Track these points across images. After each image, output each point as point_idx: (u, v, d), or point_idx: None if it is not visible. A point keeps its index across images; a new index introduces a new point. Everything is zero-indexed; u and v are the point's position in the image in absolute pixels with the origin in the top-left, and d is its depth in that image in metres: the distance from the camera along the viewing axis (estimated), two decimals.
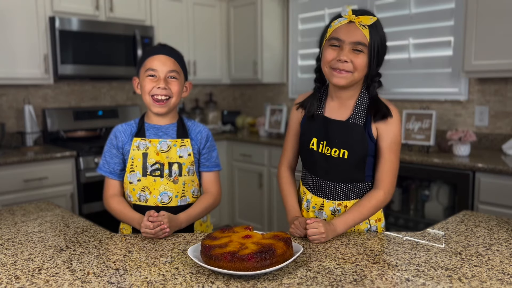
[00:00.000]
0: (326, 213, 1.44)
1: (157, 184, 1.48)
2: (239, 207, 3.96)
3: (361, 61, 1.30)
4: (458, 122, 3.12)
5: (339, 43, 1.31)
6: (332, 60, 1.32)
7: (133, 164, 1.48)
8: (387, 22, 3.40)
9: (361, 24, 1.29)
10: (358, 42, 1.29)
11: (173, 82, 1.47)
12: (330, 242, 1.28)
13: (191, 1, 3.95)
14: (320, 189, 1.45)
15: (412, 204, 2.95)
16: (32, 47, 3.03)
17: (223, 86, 4.67)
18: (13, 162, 2.72)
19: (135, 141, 1.50)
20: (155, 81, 1.46)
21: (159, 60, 1.46)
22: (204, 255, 1.04)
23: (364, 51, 1.30)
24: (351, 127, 1.37)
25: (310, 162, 1.47)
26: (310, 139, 1.43)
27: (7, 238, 1.34)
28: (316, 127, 1.42)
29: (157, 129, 1.52)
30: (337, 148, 1.38)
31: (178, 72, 1.49)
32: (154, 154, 1.48)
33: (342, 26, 1.31)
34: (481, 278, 1.02)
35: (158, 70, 1.45)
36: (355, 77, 1.33)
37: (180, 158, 1.50)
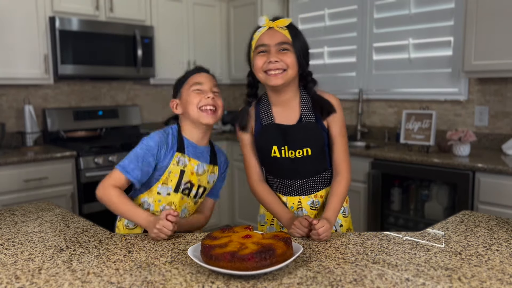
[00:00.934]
0: (306, 208, 1.53)
1: (183, 202, 1.52)
2: (239, 207, 3.96)
3: (290, 59, 1.41)
4: (458, 122, 3.12)
5: (265, 48, 1.41)
6: (264, 65, 1.41)
7: (169, 177, 1.47)
8: (387, 22, 3.40)
9: (279, 27, 1.41)
10: (282, 42, 1.40)
11: (217, 96, 1.51)
12: (330, 242, 1.28)
13: (191, 1, 3.95)
14: (293, 189, 1.53)
15: (412, 204, 2.95)
16: (32, 47, 3.03)
17: (223, 86, 4.67)
18: (13, 162, 2.72)
19: (176, 156, 1.47)
20: (201, 94, 1.48)
21: (204, 76, 1.52)
22: (204, 255, 1.04)
23: (290, 49, 1.41)
24: (306, 126, 1.47)
25: (276, 169, 1.53)
26: (270, 148, 1.48)
27: (7, 238, 1.34)
28: (272, 135, 1.48)
29: (195, 148, 1.52)
30: (300, 148, 1.46)
31: (219, 91, 1.54)
32: (189, 173, 1.50)
33: (264, 33, 1.42)
34: (481, 278, 1.02)
35: (204, 83, 1.49)
36: (289, 74, 1.41)
37: (208, 183, 1.56)
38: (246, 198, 3.87)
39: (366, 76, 3.59)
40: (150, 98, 4.09)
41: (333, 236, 1.34)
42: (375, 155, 2.88)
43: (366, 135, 3.59)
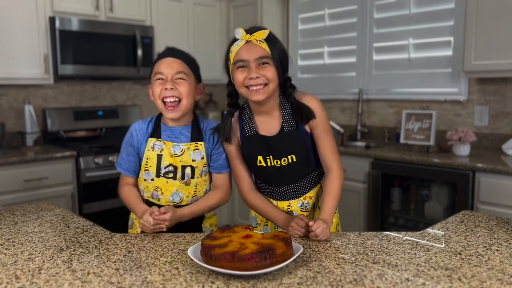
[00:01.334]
0: (296, 211, 1.54)
1: (170, 186, 1.50)
2: (239, 207, 3.96)
3: (271, 73, 1.37)
4: (458, 122, 3.12)
5: (244, 63, 1.38)
6: (244, 80, 1.38)
7: (148, 164, 1.50)
8: (387, 22, 3.40)
9: (257, 40, 1.37)
10: (261, 57, 1.36)
11: (182, 83, 1.45)
12: (330, 242, 1.28)
13: (191, 1, 3.95)
14: (281, 194, 1.54)
15: (412, 204, 2.95)
16: (32, 47, 3.03)
17: (223, 86, 4.65)
18: (13, 162, 2.72)
19: (150, 141, 1.51)
20: (162, 84, 1.45)
21: (165, 63, 1.46)
22: (204, 255, 1.04)
23: (270, 62, 1.38)
24: (289, 135, 1.45)
25: (263, 177, 1.55)
26: (255, 158, 1.48)
27: (7, 238, 1.34)
28: (256, 146, 1.48)
29: (171, 131, 1.52)
30: (285, 157, 1.46)
31: (187, 74, 1.47)
32: (168, 157, 1.49)
33: (242, 47, 1.38)
34: (481, 278, 1.02)
35: (164, 72, 1.45)
36: (270, 88, 1.39)
37: (193, 161, 1.51)
38: None
39: (366, 76, 3.59)
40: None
41: (333, 236, 1.34)
42: (375, 155, 2.88)
43: (366, 135, 3.59)
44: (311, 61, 4.02)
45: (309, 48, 4.02)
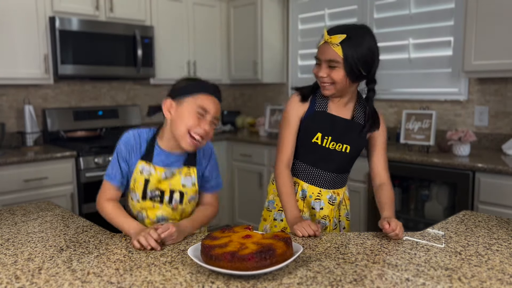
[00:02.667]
0: (324, 201, 1.59)
1: (156, 209, 1.44)
2: (239, 207, 3.96)
3: (337, 75, 1.45)
4: (458, 122, 3.12)
5: (318, 61, 1.50)
6: (317, 75, 1.50)
7: (135, 185, 1.44)
8: (387, 22, 3.40)
9: (332, 44, 1.44)
10: (330, 60, 1.45)
11: (213, 127, 1.41)
12: (329, 242, 1.28)
13: (191, 1, 3.95)
14: (318, 179, 1.58)
15: (412, 204, 2.95)
16: (32, 47, 3.03)
17: (223, 86, 4.67)
18: (13, 162, 2.72)
19: (139, 164, 1.42)
20: (201, 120, 1.37)
21: (213, 102, 1.39)
22: (204, 255, 1.04)
23: (339, 66, 1.44)
24: (355, 126, 1.56)
25: (311, 155, 1.57)
26: (314, 134, 1.54)
27: (7, 238, 1.34)
28: (321, 123, 1.54)
29: (166, 157, 1.44)
30: (342, 143, 1.54)
31: (218, 119, 1.44)
32: (156, 181, 1.42)
33: (321, 46, 1.49)
34: (481, 278, 1.02)
35: (210, 112, 1.37)
36: (337, 88, 1.49)
37: (184, 187, 1.44)
38: (246, 198, 3.87)
39: None
40: (150, 98, 4.09)
41: (333, 236, 1.34)
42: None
43: None
44: (311, 61, 4.01)
45: (309, 48, 4.02)
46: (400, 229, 1.31)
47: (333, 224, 1.62)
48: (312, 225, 1.33)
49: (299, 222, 1.37)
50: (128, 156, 1.44)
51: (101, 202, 1.44)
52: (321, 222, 1.60)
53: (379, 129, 1.58)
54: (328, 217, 1.60)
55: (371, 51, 1.46)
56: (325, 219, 1.60)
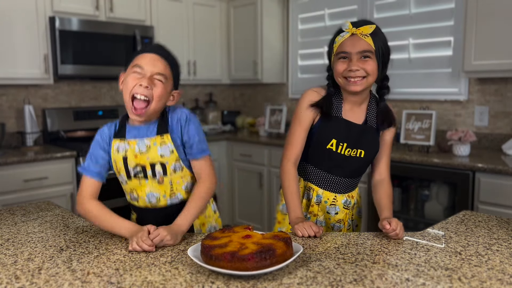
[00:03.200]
0: (339, 207, 1.58)
1: (143, 186, 1.42)
2: (239, 207, 3.96)
3: (372, 66, 1.41)
4: (458, 122, 3.12)
5: (346, 55, 1.42)
6: (344, 71, 1.42)
7: (117, 166, 1.42)
8: (387, 22, 3.40)
9: (363, 35, 1.39)
10: (364, 51, 1.39)
11: (158, 84, 1.34)
12: (329, 242, 1.28)
13: (191, 1, 3.95)
14: (333, 185, 1.57)
15: (412, 204, 2.95)
16: (32, 47, 3.03)
17: (223, 86, 4.67)
18: (13, 162, 2.72)
19: (114, 143, 1.41)
20: (138, 79, 1.33)
21: (149, 58, 1.35)
22: (204, 255, 1.04)
23: (371, 56, 1.40)
24: (369, 130, 1.52)
25: (325, 161, 1.54)
26: (328, 140, 1.50)
27: (7, 238, 1.34)
28: (335, 128, 1.49)
29: (137, 130, 1.41)
30: (357, 148, 1.51)
31: (167, 77, 1.37)
32: (133, 157, 1.39)
33: (347, 40, 1.41)
34: (481, 278, 1.02)
35: (145, 68, 1.33)
36: (369, 81, 1.43)
37: (162, 157, 1.39)
38: (246, 198, 3.87)
39: None
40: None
41: (333, 236, 1.34)
42: None
43: None
44: (311, 61, 4.02)
45: (309, 48, 4.02)
46: (401, 228, 1.31)
47: (348, 226, 1.62)
48: (313, 226, 1.33)
49: (301, 222, 1.37)
50: (106, 145, 1.43)
51: (81, 202, 1.38)
52: (335, 226, 1.59)
53: (394, 126, 1.56)
54: (342, 221, 1.60)
55: (388, 44, 1.46)
56: (340, 223, 1.60)
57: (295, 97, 4.15)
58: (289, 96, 4.22)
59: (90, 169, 1.42)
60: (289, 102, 4.19)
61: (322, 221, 1.59)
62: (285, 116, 3.77)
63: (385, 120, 1.52)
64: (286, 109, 3.80)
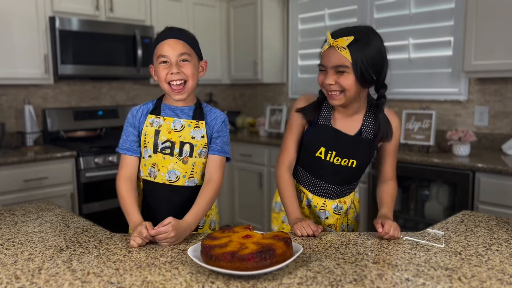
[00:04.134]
0: (329, 211, 1.56)
1: (166, 162, 1.47)
2: (239, 207, 3.96)
3: (347, 81, 1.34)
4: (458, 122, 3.12)
5: (323, 68, 1.39)
6: (322, 83, 1.40)
7: (146, 140, 1.48)
8: (387, 22, 3.40)
9: (339, 47, 1.33)
10: (338, 65, 1.34)
11: (186, 65, 1.44)
12: (329, 242, 1.28)
13: (191, 1, 3.95)
14: (322, 191, 1.55)
15: (412, 204, 2.95)
16: (32, 47, 3.03)
17: (223, 86, 4.67)
18: (13, 162, 2.72)
19: (149, 118, 1.49)
20: (167, 67, 1.43)
21: (168, 44, 1.43)
22: (204, 255, 1.04)
23: (348, 71, 1.34)
24: (363, 142, 1.47)
25: (314, 168, 1.53)
26: (317, 148, 1.48)
27: (7, 238, 1.34)
28: (325, 137, 1.47)
29: (173, 109, 1.51)
30: (347, 158, 1.47)
31: (190, 54, 1.46)
32: (166, 132, 1.46)
33: (325, 51, 1.37)
34: (481, 278, 1.02)
35: (168, 55, 1.43)
36: (347, 96, 1.38)
37: (193, 139, 1.47)
38: (246, 198, 3.87)
39: None
40: (150, 98, 4.08)
41: (333, 236, 1.34)
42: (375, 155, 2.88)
43: None
44: (311, 61, 4.02)
45: (309, 48, 4.02)
46: (394, 230, 1.29)
47: (340, 230, 1.61)
48: (312, 225, 1.33)
49: (300, 222, 1.37)
50: (137, 122, 1.50)
51: (118, 182, 1.47)
52: (326, 230, 1.59)
53: (391, 140, 1.48)
54: (333, 226, 1.59)
55: (380, 52, 1.35)
56: (330, 228, 1.59)
57: (295, 97, 4.15)
58: (289, 96, 4.22)
59: (122, 146, 1.50)
60: (289, 102, 4.19)
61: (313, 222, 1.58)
62: (285, 116, 3.77)
63: (383, 134, 1.45)
64: (286, 109, 3.81)
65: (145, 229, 1.25)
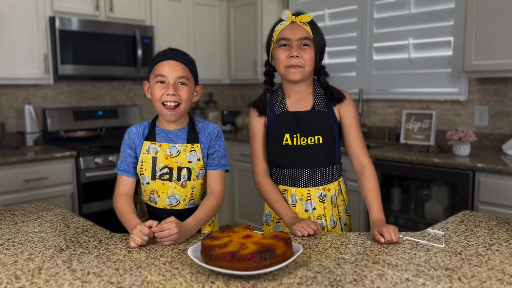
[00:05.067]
0: (314, 201, 1.55)
1: (166, 188, 1.48)
2: (239, 207, 3.96)
3: (309, 55, 1.47)
4: (458, 122, 3.12)
5: (287, 42, 1.47)
6: (286, 59, 1.47)
7: (143, 167, 1.49)
8: (387, 22, 3.40)
9: (302, 22, 1.48)
10: (304, 38, 1.46)
11: (183, 88, 1.45)
12: (329, 242, 1.28)
13: (191, 1, 3.95)
14: (302, 179, 1.55)
15: (412, 204, 2.95)
16: (32, 47, 3.03)
17: (223, 86, 4.67)
18: (13, 162, 2.72)
19: (145, 145, 1.50)
20: (164, 88, 1.44)
21: (168, 65, 1.44)
22: (204, 255, 1.04)
23: (310, 45, 1.47)
24: (319, 114, 1.53)
25: (287, 158, 1.55)
26: (282, 136, 1.53)
27: (7, 238, 1.34)
28: (285, 123, 1.53)
29: (167, 134, 1.51)
30: (312, 136, 1.51)
31: (188, 78, 1.47)
32: (163, 158, 1.47)
33: (286, 27, 1.48)
34: (481, 278, 1.02)
35: (167, 76, 1.43)
36: (306, 70, 1.48)
37: (190, 163, 1.49)
38: (246, 198, 3.87)
39: (366, 76, 3.59)
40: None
41: (333, 236, 1.34)
42: (375, 155, 2.88)
43: (366, 135, 3.59)
44: None
45: None
46: (395, 234, 1.26)
47: (332, 222, 1.58)
48: (311, 224, 1.33)
49: (298, 221, 1.37)
50: (133, 144, 1.52)
51: (115, 198, 1.49)
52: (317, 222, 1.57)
53: (345, 99, 1.54)
54: (323, 216, 1.56)
55: (324, 38, 1.53)
56: (321, 219, 1.56)
57: None
58: None
59: (121, 167, 1.52)
60: None
61: None
62: None
63: (333, 97, 1.53)
64: None
65: (145, 227, 1.25)
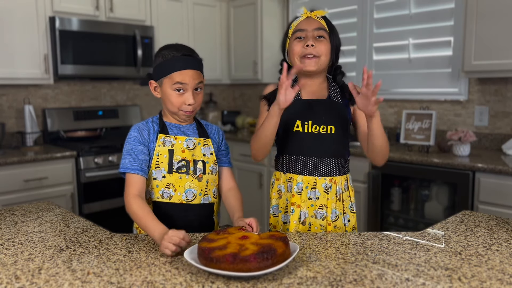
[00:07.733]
0: (319, 190, 1.54)
1: (183, 181, 1.46)
2: None
3: (325, 47, 1.51)
4: (458, 122, 3.12)
5: (302, 33, 1.52)
6: (301, 49, 1.51)
7: (159, 160, 1.45)
8: (387, 22, 3.40)
9: (317, 16, 1.54)
10: (319, 28, 1.51)
11: (199, 93, 1.49)
12: (330, 242, 1.28)
13: (191, 1, 3.95)
14: (310, 167, 1.55)
15: (412, 204, 2.95)
16: (32, 47, 3.03)
17: (223, 86, 4.67)
18: (13, 162, 2.72)
19: (160, 137, 1.47)
20: (183, 96, 1.44)
21: (188, 75, 1.43)
22: (203, 258, 1.03)
23: (325, 37, 1.51)
24: (334, 104, 1.55)
25: (297, 145, 1.55)
26: (293, 123, 1.54)
27: (7, 238, 1.34)
28: (297, 110, 1.54)
29: (179, 128, 1.52)
30: (325, 124, 1.52)
31: (203, 82, 1.50)
32: (180, 151, 1.47)
33: (302, 21, 1.54)
34: (481, 278, 1.02)
35: (188, 83, 1.43)
36: (322, 61, 1.51)
37: (204, 156, 1.51)
38: (246, 198, 3.86)
39: None
40: (150, 98, 4.09)
41: (333, 236, 1.34)
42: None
43: None
44: None
45: None
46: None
47: (333, 215, 1.55)
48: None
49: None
50: (143, 138, 1.46)
51: (128, 199, 1.38)
52: (318, 213, 1.55)
53: None
54: (325, 207, 1.54)
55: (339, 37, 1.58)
56: (322, 209, 1.54)
57: None
58: None
59: (132, 166, 1.42)
60: None
61: (306, 211, 1.55)
62: None
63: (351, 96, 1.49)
64: None
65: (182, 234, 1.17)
